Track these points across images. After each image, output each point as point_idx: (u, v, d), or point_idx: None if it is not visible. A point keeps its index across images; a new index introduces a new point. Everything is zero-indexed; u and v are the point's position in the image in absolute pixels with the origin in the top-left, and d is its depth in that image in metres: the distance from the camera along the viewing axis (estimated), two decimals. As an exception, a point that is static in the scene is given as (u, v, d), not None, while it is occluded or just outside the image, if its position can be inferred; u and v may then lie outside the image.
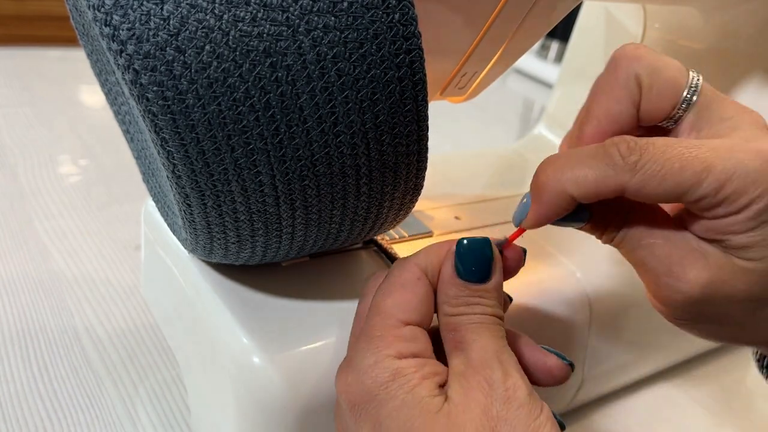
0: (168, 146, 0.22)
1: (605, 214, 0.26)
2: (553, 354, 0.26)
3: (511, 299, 0.28)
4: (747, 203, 0.23)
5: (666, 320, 0.27)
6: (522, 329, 0.27)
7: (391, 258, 0.34)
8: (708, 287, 0.24)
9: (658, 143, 0.23)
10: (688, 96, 0.25)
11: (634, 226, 0.26)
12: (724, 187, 0.23)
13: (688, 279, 0.24)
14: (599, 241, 0.27)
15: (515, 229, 0.27)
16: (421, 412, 0.22)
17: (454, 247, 0.25)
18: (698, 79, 0.26)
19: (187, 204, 0.24)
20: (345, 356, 0.25)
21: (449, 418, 0.22)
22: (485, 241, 0.25)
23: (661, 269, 0.25)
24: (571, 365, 0.26)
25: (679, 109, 0.26)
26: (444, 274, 0.25)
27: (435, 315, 0.26)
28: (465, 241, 0.25)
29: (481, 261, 0.25)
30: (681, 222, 0.25)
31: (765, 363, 0.31)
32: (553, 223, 0.26)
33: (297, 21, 0.21)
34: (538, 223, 0.26)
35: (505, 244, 0.26)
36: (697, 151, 0.23)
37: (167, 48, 0.20)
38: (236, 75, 0.21)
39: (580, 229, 0.27)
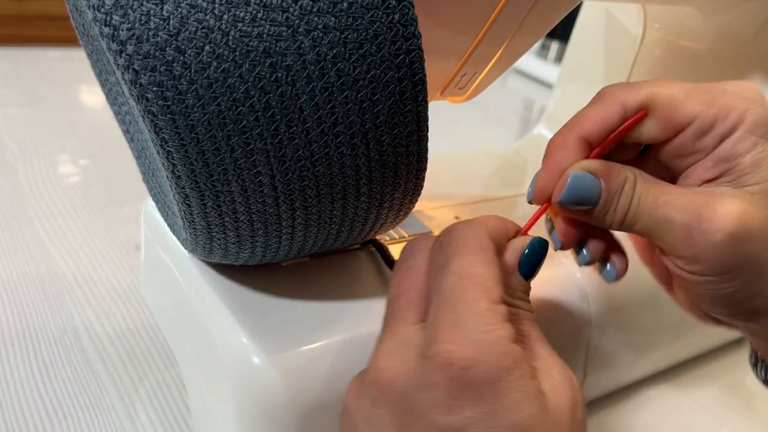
0: (168, 146, 0.22)
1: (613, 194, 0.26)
2: None
3: None
4: (739, 117, 0.24)
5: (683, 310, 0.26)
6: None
7: (388, 259, 0.34)
8: (740, 219, 0.24)
9: None
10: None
11: (645, 191, 0.25)
12: (713, 104, 0.25)
13: (721, 214, 0.24)
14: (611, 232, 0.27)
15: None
16: (538, 410, 0.21)
17: (528, 241, 0.25)
18: None
19: (187, 204, 0.24)
20: (441, 322, 0.22)
21: (556, 419, 0.21)
22: (547, 244, 0.26)
23: (688, 218, 0.24)
24: None
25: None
26: (510, 262, 0.25)
27: None
28: (540, 241, 0.25)
29: (540, 262, 0.25)
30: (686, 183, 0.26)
31: (761, 367, 0.31)
32: (566, 205, 0.26)
33: (297, 21, 0.21)
34: (549, 181, 0.26)
35: (525, 227, 0.26)
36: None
37: (167, 48, 0.20)
38: (236, 75, 0.21)
39: (591, 215, 0.26)
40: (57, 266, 0.52)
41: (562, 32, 1.07)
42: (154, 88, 0.20)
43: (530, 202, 0.27)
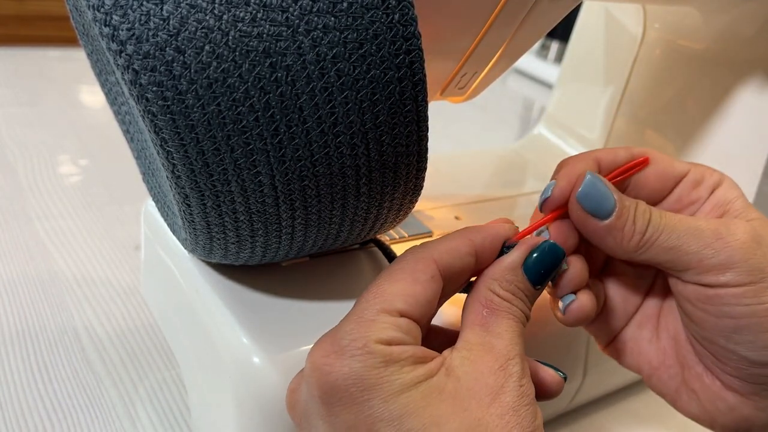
0: (167, 146, 0.22)
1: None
2: (548, 367, 0.26)
3: (566, 378, 0.26)
4: (720, 176, 0.29)
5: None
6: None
7: (390, 258, 0.34)
8: (753, 228, 0.26)
9: None
10: None
11: (661, 211, 0.27)
12: (697, 166, 0.29)
13: (738, 223, 0.26)
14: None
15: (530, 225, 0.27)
16: (422, 395, 0.21)
17: (539, 242, 0.26)
18: None
19: (187, 204, 0.24)
20: (328, 332, 0.23)
21: (456, 398, 0.21)
22: (563, 253, 0.26)
23: (714, 225, 0.26)
24: (565, 378, 0.26)
25: None
26: (512, 258, 0.25)
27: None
28: (551, 244, 0.26)
29: (551, 269, 0.26)
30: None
31: None
32: (582, 209, 0.26)
33: (297, 21, 0.21)
34: (567, 183, 0.27)
35: (520, 233, 0.26)
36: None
37: (167, 48, 0.20)
38: (236, 75, 0.21)
39: (610, 231, 0.26)
40: (57, 266, 0.52)
41: (562, 32, 1.07)
42: (154, 88, 0.20)
43: (542, 210, 0.28)
